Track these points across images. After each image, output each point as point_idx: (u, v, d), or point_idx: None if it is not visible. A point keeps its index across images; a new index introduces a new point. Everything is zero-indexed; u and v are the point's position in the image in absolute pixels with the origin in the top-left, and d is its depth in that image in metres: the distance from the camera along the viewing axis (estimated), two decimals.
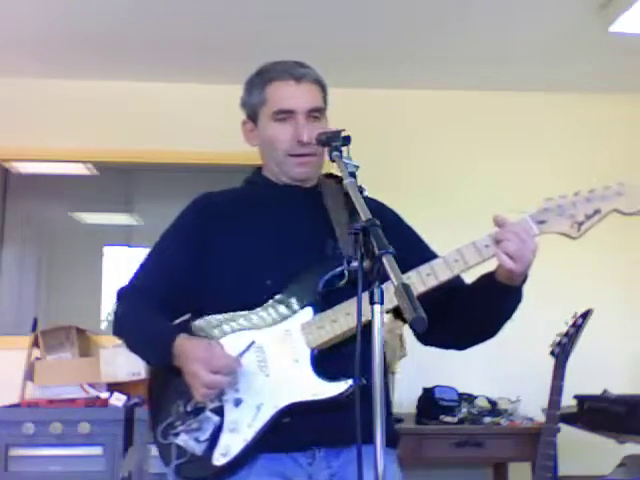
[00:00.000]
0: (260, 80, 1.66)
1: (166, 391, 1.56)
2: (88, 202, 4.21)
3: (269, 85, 1.64)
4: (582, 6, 3.17)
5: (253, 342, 1.49)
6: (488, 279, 1.51)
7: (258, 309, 1.53)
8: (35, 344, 3.55)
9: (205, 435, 1.47)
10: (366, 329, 1.17)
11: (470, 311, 1.54)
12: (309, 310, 1.51)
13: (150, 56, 3.71)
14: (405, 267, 1.45)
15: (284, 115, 1.61)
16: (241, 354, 1.48)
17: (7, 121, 3.91)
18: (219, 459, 1.47)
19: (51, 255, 4.19)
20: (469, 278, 1.60)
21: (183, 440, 1.49)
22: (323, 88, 1.67)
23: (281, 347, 1.50)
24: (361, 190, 1.66)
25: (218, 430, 1.48)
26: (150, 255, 1.71)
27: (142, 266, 1.71)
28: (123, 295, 1.68)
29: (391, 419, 1.67)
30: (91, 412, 3.18)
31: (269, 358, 1.50)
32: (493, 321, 1.58)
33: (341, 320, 1.47)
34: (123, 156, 3.98)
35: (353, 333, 1.19)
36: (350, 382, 1.39)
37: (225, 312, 1.55)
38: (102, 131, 3.95)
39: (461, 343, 1.66)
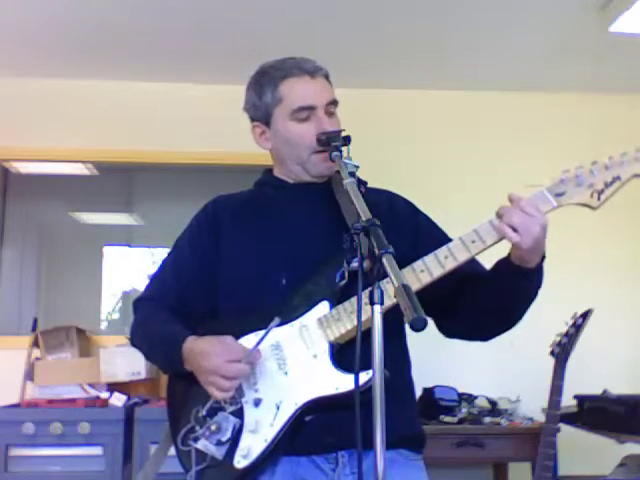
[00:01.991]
0: (270, 79, 1.60)
1: (185, 398, 1.55)
2: (88, 202, 4.21)
3: (283, 82, 1.58)
4: (582, 6, 3.17)
5: (275, 323, 1.45)
6: (503, 263, 1.48)
7: (274, 308, 1.50)
8: (35, 344, 3.55)
9: (225, 437, 1.44)
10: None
11: (490, 298, 1.51)
12: (325, 304, 1.48)
13: (150, 56, 3.71)
14: (420, 253, 1.45)
15: (305, 112, 1.56)
16: (258, 343, 1.45)
17: (7, 121, 3.91)
18: (240, 461, 1.43)
19: (51, 255, 4.19)
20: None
21: (203, 444, 1.46)
22: (330, 82, 1.64)
23: (299, 343, 1.47)
24: (364, 183, 1.66)
25: (238, 432, 1.45)
26: (164, 263, 1.70)
27: (156, 275, 1.70)
28: (138, 306, 1.69)
29: (416, 418, 1.61)
30: (91, 412, 3.18)
31: (287, 355, 1.48)
32: (513, 307, 1.53)
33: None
34: (123, 156, 3.98)
35: (370, 326, 1.16)
36: (371, 373, 1.29)
37: (242, 313, 1.55)
38: (102, 131, 3.95)
39: (484, 333, 1.62)
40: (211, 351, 1.43)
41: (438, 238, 1.56)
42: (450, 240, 1.50)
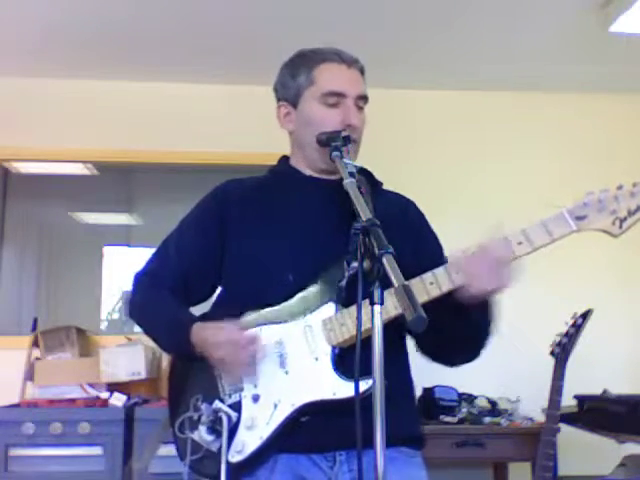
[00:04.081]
0: (307, 61, 1.61)
1: (186, 386, 1.55)
2: (88, 202, 4.21)
3: (319, 66, 1.59)
4: (582, 6, 3.17)
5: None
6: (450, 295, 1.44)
7: (280, 304, 1.50)
8: (35, 344, 3.55)
9: (221, 430, 1.45)
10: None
11: (449, 329, 1.48)
12: (331, 305, 1.47)
13: (150, 56, 3.71)
14: (418, 270, 1.42)
15: (334, 98, 1.56)
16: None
17: (7, 121, 3.91)
18: (234, 456, 1.44)
19: (51, 255, 4.19)
20: None
21: (199, 435, 1.46)
22: (364, 78, 1.65)
23: (302, 343, 1.47)
24: (379, 184, 1.65)
25: (235, 426, 1.46)
26: (168, 240, 1.68)
27: (159, 251, 1.68)
28: (140, 280, 1.67)
29: (414, 417, 1.62)
30: (91, 412, 3.18)
31: (289, 354, 1.47)
32: (467, 339, 1.54)
33: (363, 317, 1.37)
34: (123, 156, 3.98)
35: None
36: (370, 382, 1.27)
37: (245, 305, 1.53)
38: (102, 131, 3.94)
39: (447, 360, 1.64)
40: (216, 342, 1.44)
41: (436, 258, 1.55)
42: (446, 261, 1.50)
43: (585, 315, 2.92)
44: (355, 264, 1.42)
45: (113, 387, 3.38)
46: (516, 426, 3.36)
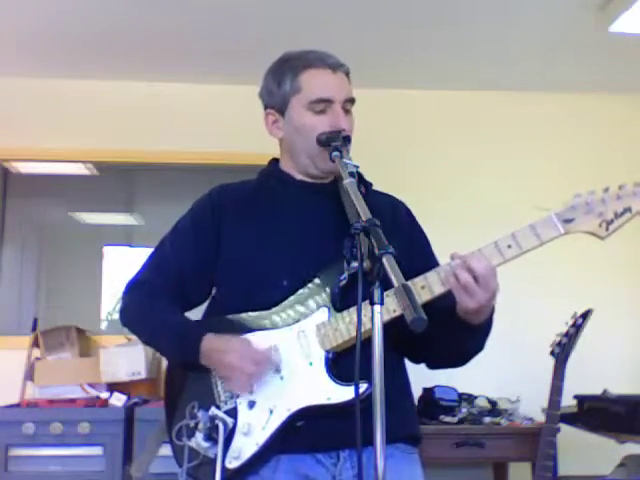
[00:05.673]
0: (291, 67, 1.59)
1: (182, 392, 1.56)
2: (88, 202, 4.21)
3: (304, 72, 1.58)
4: (582, 6, 3.17)
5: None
6: (450, 311, 1.44)
7: (274, 309, 1.51)
8: (35, 344, 3.54)
9: (218, 437, 1.45)
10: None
11: (437, 337, 1.47)
12: (324, 311, 1.48)
13: (150, 56, 3.71)
14: (411, 270, 1.41)
15: (322, 105, 1.55)
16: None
17: (7, 121, 3.91)
18: (231, 462, 1.44)
19: (51, 255, 4.19)
20: None
21: (195, 442, 1.47)
22: (350, 80, 1.64)
23: (296, 348, 1.48)
24: (369, 185, 1.65)
25: (231, 432, 1.46)
26: (162, 247, 1.68)
27: (152, 258, 1.68)
28: (134, 288, 1.66)
29: (412, 417, 1.63)
30: (91, 412, 3.18)
31: (284, 359, 1.48)
32: (457, 352, 1.56)
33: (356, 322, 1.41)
34: (123, 156, 3.98)
35: (369, 335, 1.17)
36: (365, 386, 1.33)
37: (240, 311, 1.53)
38: (102, 131, 3.94)
39: (430, 364, 1.66)
40: (231, 349, 1.45)
41: (427, 259, 1.58)
42: (436, 262, 1.53)
43: (585, 315, 2.92)
44: (355, 264, 1.43)
45: (113, 387, 3.38)
46: (516, 426, 3.36)
